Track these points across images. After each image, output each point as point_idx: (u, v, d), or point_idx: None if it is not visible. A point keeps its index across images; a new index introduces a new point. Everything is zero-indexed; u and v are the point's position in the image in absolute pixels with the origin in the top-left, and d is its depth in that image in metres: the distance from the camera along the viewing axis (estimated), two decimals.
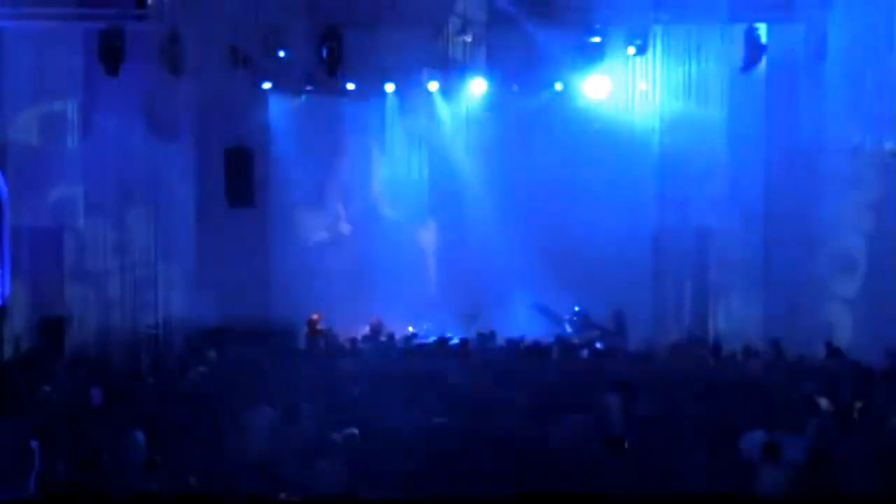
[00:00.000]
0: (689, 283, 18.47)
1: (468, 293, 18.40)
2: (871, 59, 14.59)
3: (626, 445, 7.69)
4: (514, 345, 15.39)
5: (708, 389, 10.10)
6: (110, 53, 16.72)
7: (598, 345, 16.08)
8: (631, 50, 17.56)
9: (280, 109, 19.52)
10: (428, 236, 19.74)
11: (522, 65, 18.12)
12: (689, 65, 17.40)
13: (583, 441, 7.90)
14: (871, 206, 14.87)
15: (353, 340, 16.40)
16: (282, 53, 17.83)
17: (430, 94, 19.26)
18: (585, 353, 15.16)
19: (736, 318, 17.72)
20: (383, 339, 16.69)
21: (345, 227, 19.82)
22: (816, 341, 15.00)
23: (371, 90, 19.04)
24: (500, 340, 16.13)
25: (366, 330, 17.38)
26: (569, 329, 17.38)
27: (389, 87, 19.11)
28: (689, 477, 6.93)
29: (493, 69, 18.41)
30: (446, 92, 19.14)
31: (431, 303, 18.48)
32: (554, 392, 9.82)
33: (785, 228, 17.32)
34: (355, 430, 8.12)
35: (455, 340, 15.78)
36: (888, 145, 14.38)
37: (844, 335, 14.97)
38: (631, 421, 8.41)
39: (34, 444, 7.59)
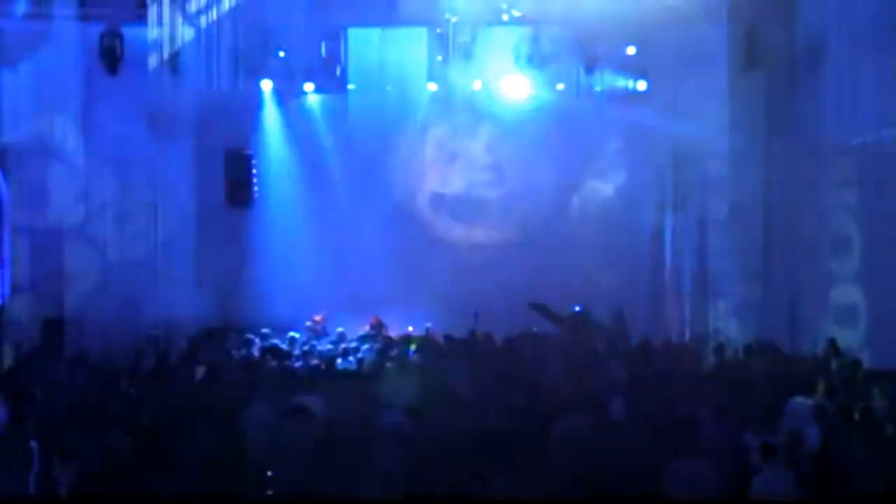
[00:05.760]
0: (690, 282, 18.47)
1: (468, 293, 18.38)
2: (871, 59, 14.57)
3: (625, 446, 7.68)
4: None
5: (708, 389, 10.10)
6: (110, 53, 16.75)
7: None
8: (631, 50, 17.56)
9: (280, 109, 19.52)
10: (428, 236, 19.73)
11: (521, 64, 18.14)
12: (689, 64, 17.38)
13: (582, 441, 7.89)
14: (871, 205, 14.85)
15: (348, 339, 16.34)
16: (282, 53, 17.84)
17: (429, 93, 19.26)
18: None
19: (736, 317, 17.72)
20: (380, 338, 16.64)
21: (345, 227, 19.82)
22: (817, 341, 15.01)
23: (371, 90, 19.04)
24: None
25: (365, 329, 17.35)
26: None
27: (389, 88, 19.12)
28: (688, 478, 6.93)
29: (491, 68, 18.42)
30: (446, 92, 19.14)
31: (432, 302, 18.46)
32: (553, 392, 9.81)
33: (785, 228, 17.33)
34: (355, 429, 8.14)
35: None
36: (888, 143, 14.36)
37: (846, 336, 14.92)
38: (630, 421, 8.40)
39: (33, 444, 7.60)
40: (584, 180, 19.17)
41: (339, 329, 16.92)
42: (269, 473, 7.26)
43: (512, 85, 18.86)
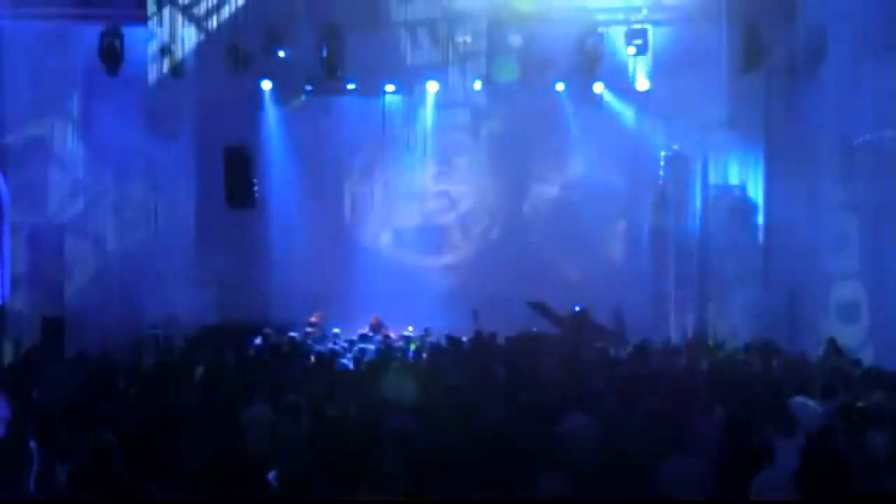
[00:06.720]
0: (689, 282, 18.48)
1: (468, 292, 18.39)
2: (871, 58, 14.57)
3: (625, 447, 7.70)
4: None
5: (706, 388, 10.09)
6: (110, 53, 16.75)
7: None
8: (631, 50, 17.56)
9: (280, 109, 19.53)
10: (428, 235, 19.75)
11: (521, 64, 18.13)
12: (689, 64, 17.40)
13: (582, 442, 7.90)
14: (871, 204, 14.84)
15: (351, 340, 16.34)
16: (282, 53, 17.84)
17: (430, 94, 19.27)
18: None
19: (736, 318, 17.74)
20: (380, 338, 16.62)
21: (345, 227, 19.83)
22: (818, 339, 15.02)
23: (371, 90, 19.04)
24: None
25: (365, 330, 17.35)
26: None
27: (389, 87, 19.12)
28: (684, 477, 6.93)
29: (492, 69, 18.42)
30: (446, 92, 19.14)
31: (432, 302, 18.46)
32: (553, 392, 9.81)
33: (785, 228, 17.35)
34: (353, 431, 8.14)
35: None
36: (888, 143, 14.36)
37: (847, 334, 14.92)
38: (629, 421, 8.41)
39: (32, 444, 7.60)
40: (583, 180, 19.16)
41: (336, 330, 16.89)
42: (269, 474, 7.25)
43: (510, 85, 18.85)
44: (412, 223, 19.81)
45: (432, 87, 19.12)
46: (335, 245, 19.52)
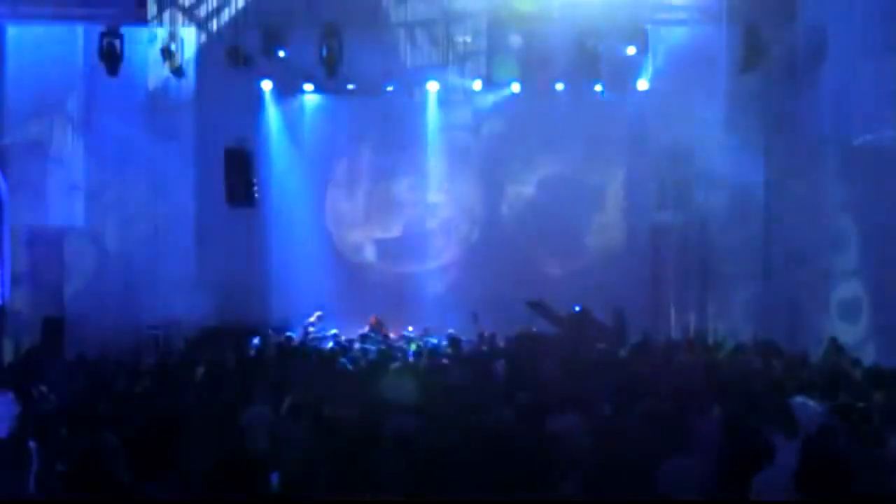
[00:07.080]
0: (690, 281, 18.49)
1: (468, 293, 18.39)
2: (871, 58, 14.56)
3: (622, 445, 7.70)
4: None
5: (706, 387, 10.09)
6: (110, 53, 16.76)
7: None
8: (631, 50, 17.57)
9: (280, 109, 19.54)
10: (427, 235, 19.75)
11: (521, 64, 18.15)
12: (689, 64, 17.40)
13: (580, 441, 7.89)
14: (871, 203, 14.84)
15: (351, 340, 16.34)
16: (282, 53, 17.85)
17: (430, 94, 19.28)
18: None
19: (736, 317, 17.74)
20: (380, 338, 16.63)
21: (345, 227, 19.84)
22: (818, 338, 15.01)
23: (371, 90, 19.05)
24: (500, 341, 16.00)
25: (365, 330, 17.35)
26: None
27: (389, 88, 19.13)
28: (683, 477, 6.93)
29: (492, 69, 18.43)
30: (446, 92, 19.15)
31: (433, 303, 18.47)
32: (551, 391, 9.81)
33: (785, 227, 17.35)
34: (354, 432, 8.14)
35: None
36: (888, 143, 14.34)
37: (848, 333, 14.92)
38: (629, 421, 8.40)
39: (32, 443, 7.61)
40: (585, 180, 19.16)
41: (333, 331, 16.88)
42: (271, 474, 7.26)
43: (511, 84, 18.86)
44: (413, 223, 19.81)
45: (432, 86, 19.13)
46: (335, 245, 19.52)
